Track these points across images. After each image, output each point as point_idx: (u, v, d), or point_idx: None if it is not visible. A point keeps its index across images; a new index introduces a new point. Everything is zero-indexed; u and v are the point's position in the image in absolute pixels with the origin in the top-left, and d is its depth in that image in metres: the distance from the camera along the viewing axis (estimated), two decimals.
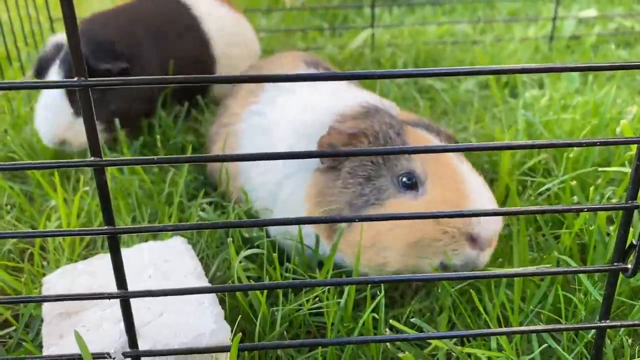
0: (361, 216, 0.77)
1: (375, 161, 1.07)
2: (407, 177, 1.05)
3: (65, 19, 0.61)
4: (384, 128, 1.09)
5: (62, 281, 1.09)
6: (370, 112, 1.15)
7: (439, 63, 2.35)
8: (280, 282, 0.98)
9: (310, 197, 1.12)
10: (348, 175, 1.08)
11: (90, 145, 0.67)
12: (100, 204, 0.70)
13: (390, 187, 1.05)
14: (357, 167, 1.08)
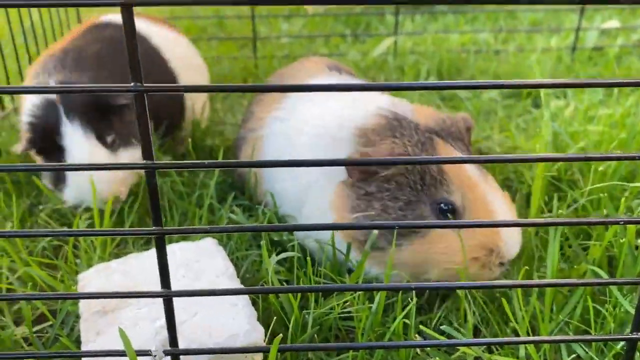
0: (408, 223, 0.78)
1: (414, 187, 1.09)
2: (447, 206, 1.08)
3: (125, 26, 0.64)
4: (416, 151, 1.10)
5: (96, 279, 1.12)
6: (392, 126, 1.14)
7: (462, 72, 2.36)
8: (315, 286, 1.00)
9: (338, 209, 1.13)
10: (387, 198, 1.09)
11: (143, 149, 0.70)
12: (150, 205, 0.72)
13: (431, 215, 1.08)
14: (397, 191, 1.09)
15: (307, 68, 1.46)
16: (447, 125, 1.17)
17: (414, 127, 1.14)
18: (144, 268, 1.14)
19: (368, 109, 1.19)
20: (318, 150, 1.20)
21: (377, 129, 1.14)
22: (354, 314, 1.04)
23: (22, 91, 0.86)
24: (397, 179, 1.09)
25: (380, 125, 1.15)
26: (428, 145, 1.11)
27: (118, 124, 1.46)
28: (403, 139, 1.11)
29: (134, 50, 0.64)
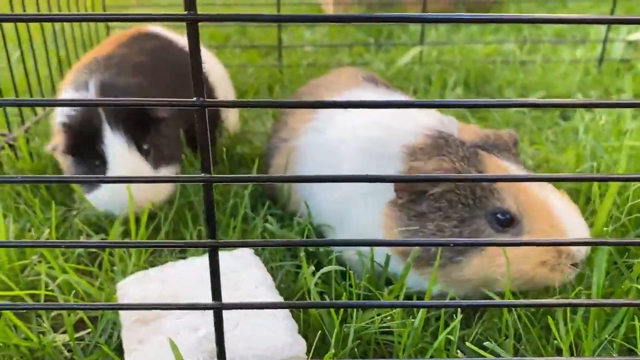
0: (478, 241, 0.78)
1: (465, 202, 1.08)
2: (503, 215, 1.06)
3: (189, 41, 0.64)
4: (464, 167, 1.09)
5: (136, 287, 1.13)
6: (439, 144, 1.14)
7: (490, 83, 2.36)
8: (360, 302, 1.00)
9: (388, 228, 1.12)
10: (440, 217, 1.08)
11: (202, 162, 0.70)
12: (206, 218, 0.73)
13: (488, 227, 1.07)
14: (449, 209, 1.08)
15: (343, 79, 1.46)
16: (491, 140, 1.17)
17: (459, 144, 1.14)
18: (181, 277, 1.15)
19: (414, 126, 1.19)
20: (361, 164, 1.20)
21: (425, 148, 1.14)
22: (394, 329, 1.03)
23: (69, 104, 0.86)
24: (448, 197, 1.08)
25: (427, 144, 1.15)
26: (473, 159, 1.10)
27: (156, 136, 1.47)
28: (450, 155, 1.11)
29: (198, 66, 0.65)
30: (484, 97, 2.26)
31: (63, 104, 0.96)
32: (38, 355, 1.09)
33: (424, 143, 1.15)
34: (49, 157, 1.73)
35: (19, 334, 1.11)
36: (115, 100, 0.68)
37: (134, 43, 1.76)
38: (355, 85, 1.41)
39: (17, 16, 0.69)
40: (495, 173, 1.09)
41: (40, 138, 1.83)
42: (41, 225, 1.42)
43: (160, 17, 0.64)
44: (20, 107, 1.84)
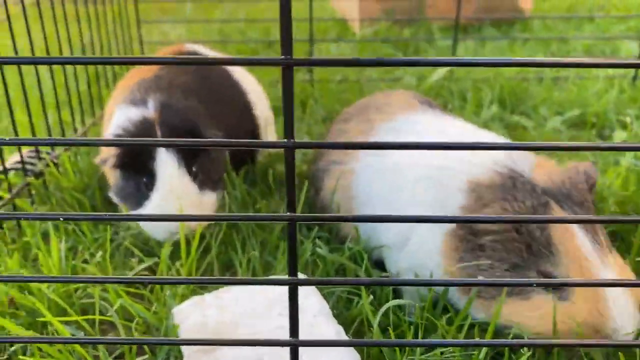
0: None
1: (519, 253, 1.06)
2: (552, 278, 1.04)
3: (284, 83, 0.64)
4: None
5: (193, 313, 1.13)
6: (506, 186, 1.10)
7: (524, 101, 2.35)
8: (426, 340, 1.00)
9: (447, 258, 1.12)
10: (495, 258, 1.07)
11: (288, 201, 0.70)
12: (288, 255, 0.73)
13: None
14: (504, 253, 1.06)
15: (396, 102, 1.44)
16: (566, 186, 1.11)
17: (529, 189, 1.09)
18: (239, 303, 1.15)
19: (483, 159, 1.16)
20: (425, 194, 1.19)
21: (491, 186, 1.11)
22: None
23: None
24: (505, 243, 1.06)
25: (494, 182, 1.11)
26: (540, 212, 1.06)
27: (204, 159, 1.47)
28: (515, 203, 1.07)
29: (290, 108, 0.65)
30: (520, 116, 2.25)
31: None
32: None
33: (491, 180, 1.12)
34: (93, 173, 1.75)
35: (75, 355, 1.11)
36: (204, 141, 0.69)
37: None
38: (411, 108, 1.40)
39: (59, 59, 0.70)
40: (559, 235, 1.04)
41: (82, 156, 1.85)
42: (90, 246, 1.43)
43: (255, 60, 0.65)
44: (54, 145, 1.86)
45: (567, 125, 2.21)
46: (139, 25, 2.66)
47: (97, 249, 1.44)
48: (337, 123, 1.54)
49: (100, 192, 1.67)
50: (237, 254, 1.39)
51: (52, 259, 1.29)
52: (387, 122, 1.37)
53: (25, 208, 1.60)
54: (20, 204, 1.59)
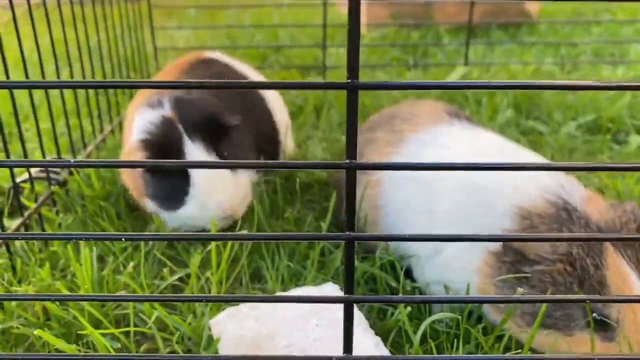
0: None
1: (568, 287, 1.04)
2: (599, 316, 1.02)
3: (348, 106, 0.65)
4: (581, 254, 1.04)
5: (230, 324, 1.14)
6: (561, 217, 1.07)
7: (538, 106, 2.36)
8: (473, 356, 1.00)
9: (484, 275, 1.12)
10: (540, 288, 1.05)
11: (347, 220, 0.71)
12: (345, 274, 0.74)
13: (581, 318, 1.03)
14: (551, 286, 1.04)
15: (424, 113, 1.44)
16: (617, 225, 1.08)
17: (584, 224, 1.07)
18: (275, 314, 1.16)
19: (531, 184, 1.14)
20: (461, 206, 1.19)
21: (544, 217, 1.09)
22: None
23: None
24: (554, 275, 1.05)
25: (547, 212, 1.09)
26: (596, 249, 1.04)
27: (229, 144, 1.50)
28: (568, 233, 1.06)
29: (354, 130, 0.66)
30: (535, 121, 2.27)
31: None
32: None
33: (543, 210, 1.09)
34: (115, 180, 1.76)
35: None
36: (249, 164, 0.69)
37: (196, 68, 1.79)
38: (439, 120, 1.40)
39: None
40: (612, 276, 1.03)
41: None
42: (118, 255, 1.44)
43: (320, 84, 0.66)
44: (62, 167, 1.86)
45: (582, 130, 2.23)
46: (153, 31, 2.66)
47: (126, 258, 1.45)
48: (363, 132, 1.55)
49: (124, 199, 1.68)
50: (265, 263, 1.40)
51: (84, 270, 1.30)
52: (415, 133, 1.37)
53: (50, 217, 1.60)
54: (45, 213, 1.59)
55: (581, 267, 1.04)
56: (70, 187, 1.73)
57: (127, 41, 2.39)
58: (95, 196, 1.70)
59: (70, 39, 1.78)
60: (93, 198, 1.68)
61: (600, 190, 1.75)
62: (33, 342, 1.22)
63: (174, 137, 1.45)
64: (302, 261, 1.42)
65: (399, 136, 1.39)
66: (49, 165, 0.74)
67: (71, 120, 1.94)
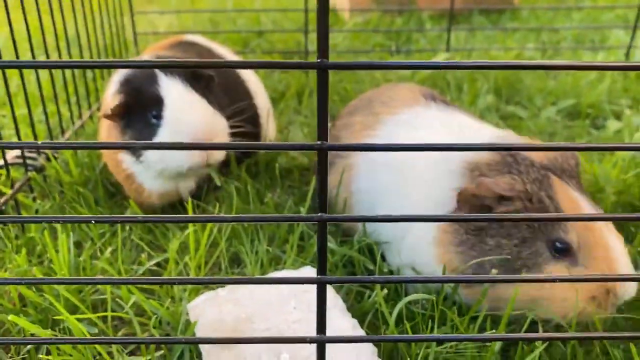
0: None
1: (530, 224, 1.09)
2: (562, 244, 1.08)
3: (319, 86, 0.65)
4: (535, 189, 1.09)
5: (209, 309, 1.14)
6: (508, 162, 1.14)
7: (519, 91, 2.37)
8: (444, 335, 1.01)
9: (445, 243, 1.14)
10: (502, 234, 1.10)
11: (319, 202, 0.71)
12: (318, 254, 0.74)
13: (546, 252, 1.08)
14: (512, 228, 1.09)
15: (401, 96, 1.45)
16: (559, 162, 1.17)
17: (529, 164, 1.13)
18: (254, 297, 1.16)
19: (477, 140, 1.19)
20: (428, 182, 1.21)
21: (492, 164, 1.14)
22: (468, 352, 1.05)
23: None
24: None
25: (495, 160, 1.15)
26: (545, 183, 1.11)
27: (206, 91, 1.51)
28: (521, 175, 1.11)
29: (325, 110, 0.66)
30: (516, 106, 2.28)
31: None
32: None
33: (491, 159, 1.16)
34: (94, 166, 1.74)
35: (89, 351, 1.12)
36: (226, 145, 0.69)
37: (177, 48, 1.78)
38: (415, 102, 1.41)
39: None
40: (565, 203, 1.09)
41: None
42: (96, 241, 1.43)
43: (290, 64, 0.65)
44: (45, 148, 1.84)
45: (561, 115, 2.24)
46: (133, 16, 2.63)
47: (104, 244, 1.44)
48: (342, 116, 1.55)
49: (102, 186, 1.66)
50: (244, 247, 1.40)
51: (61, 255, 1.29)
52: (392, 115, 1.38)
53: (27, 204, 1.59)
54: (22, 200, 1.57)
55: (538, 201, 1.09)
56: (48, 174, 1.71)
57: (107, 27, 2.35)
58: (73, 182, 1.68)
59: (47, 26, 1.74)
60: (71, 184, 1.67)
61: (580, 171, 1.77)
62: (9, 328, 1.21)
63: (151, 77, 1.46)
64: (282, 245, 1.43)
65: (376, 118, 1.39)
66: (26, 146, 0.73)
67: (49, 107, 1.92)
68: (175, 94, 1.44)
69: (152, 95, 1.43)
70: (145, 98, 1.44)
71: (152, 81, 1.45)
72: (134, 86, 1.46)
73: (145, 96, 1.44)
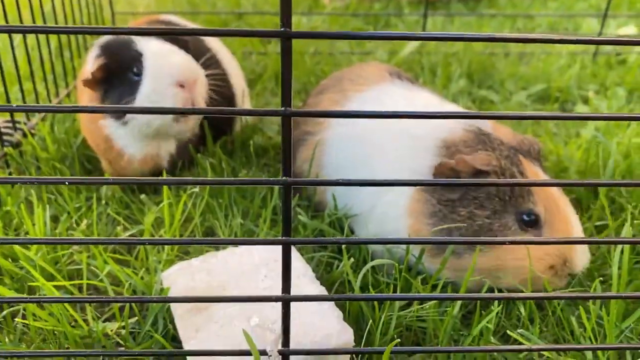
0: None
1: (502, 197, 1.15)
2: (529, 217, 1.16)
3: (282, 55, 0.69)
4: (507, 165, 1.16)
5: (181, 277, 1.17)
6: (482, 139, 1.21)
7: (491, 76, 2.43)
8: (407, 295, 1.06)
9: (415, 214, 1.19)
10: (475, 206, 1.15)
11: (283, 165, 0.75)
12: (282, 216, 0.78)
13: (515, 224, 1.16)
14: (485, 200, 1.15)
15: (369, 74, 1.50)
16: (525, 145, 1.25)
17: (499, 143, 1.21)
18: (226, 267, 1.20)
19: (449, 121, 1.25)
20: (397, 156, 1.26)
21: (467, 142, 1.20)
22: (430, 317, 1.10)
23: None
24: (487, 189, 1.15)
25: (470, 138, 1.21)
26: (515, 160, 1.18)
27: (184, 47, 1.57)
28: (495, 152, 1.18)
29: (288, 78, 0.70)
30: (488, 90, 2.34)
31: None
32: (87, 342, 1.13)
33: (465, 137, 1.22)
34: (71, 142, 1.76)
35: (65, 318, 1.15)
36: (200, 109, 0.72)
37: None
38: (382, 79, 1.46)
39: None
40: (533, 178, 1.18)
41: (58, 125, 1.85)
42: (72, 214, 1.45)
43: (255, 32, 0.69)
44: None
45: (532, 99, 2.31)
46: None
47: (80, 217, 1.46)
48: (313, 95, 1.59)
49: (79, 162, 1.68)
50: (219, 222, 1.43)
51: (37, 228, 1.31)
52: (359, 92, 1.43)
53: None
54: None
55: (510, 176, 1.16)
56: (24, 149, 1.72)
57: (84, 6, 2.35)
58: (50, 158, 1.69)
59: (23, 4, 1.75)
60: (48, 160, 1.68)
61: (543, 155, 1.83)
62: None
63: (128, 39, 1.51)
64: (255, 220, 1.46)
65: (344, 95, 1.44)
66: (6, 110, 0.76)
67: (25, 85, 1.92)
68: (154, 46, 1.50)
69: (131, 53, 1.49)
70: (124, 57, 1.49)
71: (130, 43, 1.51)
72: (113, 49, 1.52)
73: (124, 56, 1.49)
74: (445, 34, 0.73)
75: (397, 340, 0.91)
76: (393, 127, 1.30)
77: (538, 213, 1.16)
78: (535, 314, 1.12)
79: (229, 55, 1.99)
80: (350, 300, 1.08)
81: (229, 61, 1.92)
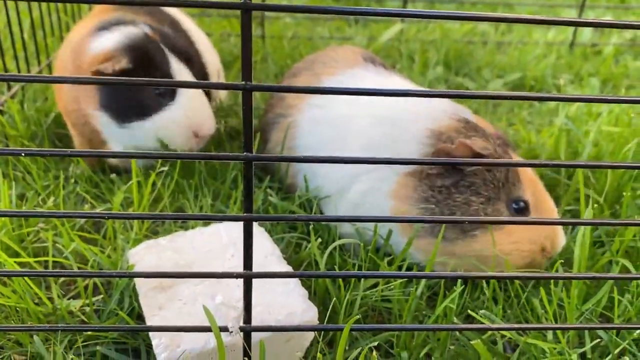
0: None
1: (497, 184, 1.18)
2: (517, 204, 1.20)
3: (242, 29, 0.68)
4: (500, 151, 1.19)
5: (148, 255, 1.17)
6: (471, 127, 1.23)
7: (468, 64, 2.44)
8: (373, 272, 1.07)
9: (401, 199, 1.19)
10: (470, 192, 1.17)
11: (245, 141, 0.75)
12: (244, 193, 0.78)
13: (505, 210, 1.19)
14: (481, 187, 1.17)
15: (341, 57, 1.50)
16: (503, 136, 1.29)
17: (484, 134, 1.22)
18: (193, 246, 1.19)
19: (433, 110, 1.26)
20: (373, 141, 1.26)
21: (459, 130, 1.22)
22: (395, 297, 1.11)
23: None
24: (484, 175, 1.17)
25: (459, 127, 1.23)
26: (503, 148, 1.22)
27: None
28: (487, 139, 1.20)
29: (248, 53, 0.69)
30: (464, 77, 2.35)
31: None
32: (51, 319, 1.12)
33: (456, 126, 1.23)
34: (41, 121, 1.73)
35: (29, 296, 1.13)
36: (166, 81, 0.72)
37: (133, 8, 1.77)
38: (355, 64, 1.45)
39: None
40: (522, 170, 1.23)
41: (28, 103, 1.82)
42: (40, 192, 1.43)
43: (214, 3, 0.68)
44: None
45: (507, 87, 2.32)
46: None
47: (48, 195, 1.45)
48: (286, 78, 1.58)
49: (49, 141, 1.66)
50: (189, 202, 1.43)
51: (2, 204, 1.29)
52: (331, 75, 1.43)
53: None
54: None
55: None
56: None
57: None
58: (19, 136, 1.67)
59: None
60: (17, 138, 1.66)
61: (516, 143, 1.85)
62: None
63: (157, 46, 1.51)
64: (227, 201, 1.46)
65: (316, 79, 1.44)
66: None
67: None
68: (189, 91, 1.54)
69: (162, 74, 1.49)
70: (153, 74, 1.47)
71: (162, 56, 1.51)
72: (144, 60, 1.47)
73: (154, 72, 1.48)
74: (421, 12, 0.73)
75: (357, 316, 0.92)
76: (372, 113, 1.29)
77: (527, 200, 1.20)
78: (499, 296, 1.14)
79: (203, 35, 1.97)
80: (312, 277, 1.08)
81: (203, 41, 1.91)
